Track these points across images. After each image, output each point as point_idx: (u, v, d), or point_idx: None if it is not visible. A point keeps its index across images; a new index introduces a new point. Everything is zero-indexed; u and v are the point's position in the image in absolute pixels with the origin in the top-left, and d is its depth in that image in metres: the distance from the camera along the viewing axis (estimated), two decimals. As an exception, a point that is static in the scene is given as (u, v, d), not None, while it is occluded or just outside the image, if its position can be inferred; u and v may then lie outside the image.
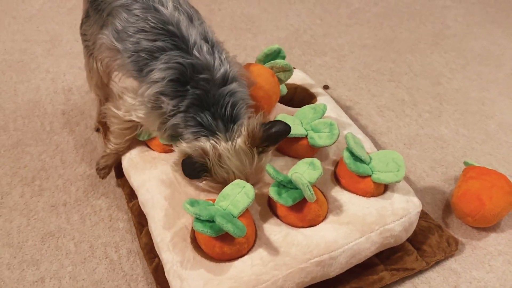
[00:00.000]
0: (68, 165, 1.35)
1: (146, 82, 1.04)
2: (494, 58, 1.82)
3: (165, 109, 1.03)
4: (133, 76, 1.09)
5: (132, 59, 1.07)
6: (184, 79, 1.02)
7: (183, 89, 1.02)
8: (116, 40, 1.09)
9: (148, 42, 1.04)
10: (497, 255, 1.15)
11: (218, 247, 0.91)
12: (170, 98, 1.02)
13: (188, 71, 1.02)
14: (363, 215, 1.01)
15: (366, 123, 1.52)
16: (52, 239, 1.17)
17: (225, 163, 0.99)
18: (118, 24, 1.08)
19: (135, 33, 1.06)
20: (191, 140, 1.01)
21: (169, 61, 1.02)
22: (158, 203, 1.03)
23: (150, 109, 1.05)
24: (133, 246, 1.15)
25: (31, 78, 1.65)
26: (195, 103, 1.02)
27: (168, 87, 1.02)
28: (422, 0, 2.17)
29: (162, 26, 1.05)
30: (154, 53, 1.04)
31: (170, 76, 1.02)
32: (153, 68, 1.03)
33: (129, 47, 1.07)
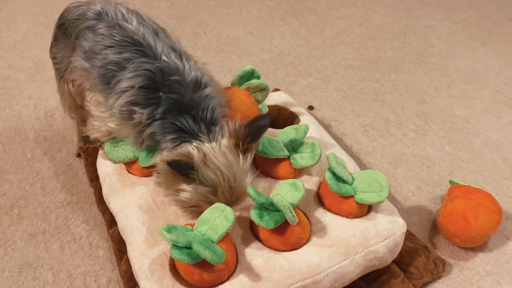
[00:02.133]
0: (48, 192, 1.32)
1: (114, 93, 1.03)
2: (478, 76, 1.83)
3: (139, 119, 1.00)
4: (102, 90, 1.08)
5: (100, 73, 1.06)
6: (155, 85, 1.00)
7: (155, 95, 1.00)
8: (84, 60, 1.09)
9: (114, 55, 1.04)
10: (485, 275, 1.13)
11: (197, 274, 0.88)
12: (142, 107, 1.00)
13: (157, 76, 1.00)
14: (347, 237, 0.99)
15: (351, 143, 1.51)
16: (29, 270, 1.13)
17: (211, 162, 0.95)
18: (85, 45, 1.09)
19: (101, 50, 1.06)
20: (171, 149, 0.98)
21: (137, 69, 1.01)
22: (137, 229, 1.01)
23: (121, 120, 1.03)
24: (113, 275, 1.12)
25: (13, 104, 1.63)
26: (172, 108, 0.99)
27: (138, 95, 1.00)
28: (406, 19, 2.20)
29: (128, 39, 1.05)
30: (121, 64, 1.03)
31: (139, 83, 1.00)
32: (120, 78, 1.02)
33: (97, 64, 1.06)
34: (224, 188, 0.97)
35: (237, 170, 0.98)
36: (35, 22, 2.09)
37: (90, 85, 1.13)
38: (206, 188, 0.96)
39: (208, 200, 0.97)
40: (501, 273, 1.13)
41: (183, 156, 0.95)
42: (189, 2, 2.30)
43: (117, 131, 1.07)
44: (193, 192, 0.97)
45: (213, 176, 0.95)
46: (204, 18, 2.18)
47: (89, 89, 1.16)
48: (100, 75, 1.06)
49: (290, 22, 2.16)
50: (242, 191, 1.00)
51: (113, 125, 1.06)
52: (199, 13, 2.21)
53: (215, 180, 0.96)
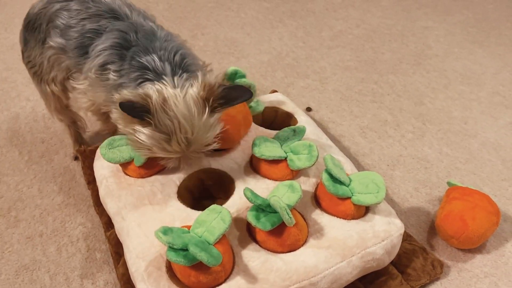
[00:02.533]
0: (45, 195, 1.32)
1: (90, 58, 1.03)
2: (476, 78, 1.83)
3: (112, 78, 0.99)
4: (80, 62, 1.07)
5: (77, 43, 1.06)
6: (128, 43, 1.00)
7: (127, 52, 0.99)
8: (60, 37, 1.09)
9: (91, 24, 1.05)
10: (483, 277, 1.13)
11: (193, 276, 0.88)
12: (116, 64, 0.99)
13: (130, 35, 1.01)
14: (344, 238, 0.99)
15: (348, 144, 1.51)
16: (26, 272, 1.13)
17: (170, 110, 0.91)
18: (60, 23, 1.09)
19: (78, 23, 1.06)
20: (133, 88, 0.95)
21: (112, 31, 1.02)
22: (133, 231, 1.00)
23: (94, 79, 1.02)
24: (110, 277, 1.12)
25: (11, 106, 1.63)
26: (139, 51, 0.98)
27: (111, 54, 1.00)
28: (404, 21, 2.20)
29: (105, 10, 1.06)
30: (99, 30, 1.03)
31: (111, 42, 1.00)
32: (97, 43, 1.02)
33: (74, 35, 1.06)
34: (179, 138, 0.93)
35: (197, 123, 0.94)
36: (33, 24, 2.08)
37: (68, 66, 1.12)
38: (160, 134, 0.93)
39: (162, 147, 0.94)
40: (499, 275, 1.13)
41: (140, 98, 0.91)
42: (187, 4, 2.30)
43: (90, 94, 1.06)
44: (148, 135, 0.93)
45: (169, 123, 0.91)
46: (202, 20, 2.18)
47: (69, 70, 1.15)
48: (78, 45, 1.06)
49: (288, 23, 2.16)
50: (200, 143, 0.97)
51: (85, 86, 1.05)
52: (196, 15, 2.21)
53: (170, 127, 0.92)
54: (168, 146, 0.94)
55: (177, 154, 0.98)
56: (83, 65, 1.07)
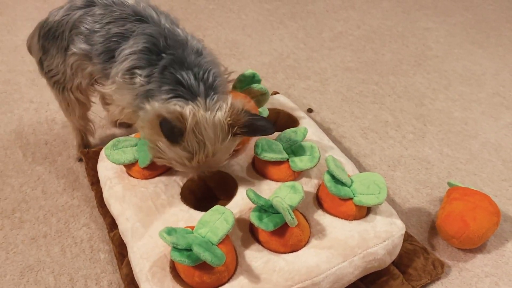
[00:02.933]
0: (49, 196, 1.33)
1: (118, 62, 1.02)
2: (476, 78, 1.84)
3: (139, 82, 0.99)
4: (106, 68, 1.06)
5: (104, 48, 1.05)
6: (157, 48, 0.99)
7: (157, 57, 0.99)
8: (84, 43, 1.08)
9: (117, 28, 1.03)
10: (484, 277, 1.14)
11: (197, 276, 0.89)
12: (143, 69, 0.99)
13: (160, 40, 1.00)
14: (345, 238, 1.00)
15: (349, 145, 1.52)
16: (31, 273, 1.14)
17: (200, 133, 0.93)
18: (84, 29, 1.08)
19: (103, 27, 1.05)
20: (165, 101, 0.96)
21: (139, 34, 1.00)
22: (137, 231, 1.01)
23: (120, 84, 1.01)
24: (114, 278, 1.13)
25: (14, 108, 1.64)
26: (173, 63, 0.97)
27: (140, 58, 0.99)
28: (404, 22, 2.21)
29: (130, 13, 1.04)
30: (125, 34, 1.02)
31: (141, 47, 0.99)
32: (124, 47, 1.01)
33: (99, 40, 1.05)
34: (200, 158, 0.96)
35: (219, 148, 0.97)
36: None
37: (92, 68, 1.11)
38: (184, 153, 0.95)
39: (182, 163, 0.97)
40: (499, 275, 1.14)
41: (177, 118, 0.92)
42: (188, 6, 2.31)
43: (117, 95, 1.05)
44: (172, 151, 0.96)
45: (196, 146, 0.94)
46: (203, 21, 2.19)
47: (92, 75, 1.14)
48: (104, 49, 1.04)
49: (289, 25, 2.18)
50: (216, 163, 1.01)
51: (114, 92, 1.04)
52: (198, 17, 2.22)
53: (195, 149, 0.95)
54: (189, 164, 0.98)
55: (192, 170, 1.01)
56: (109, 70, 1.06)
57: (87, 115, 1.35)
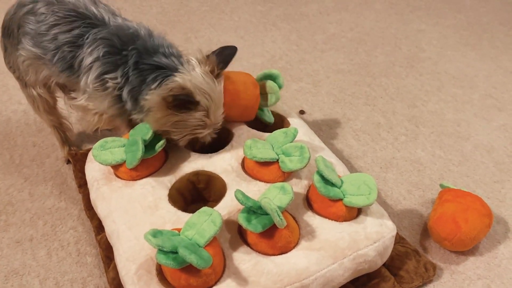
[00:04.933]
0: (36, 199, 1.31)
1: (82, 73, 1.04)
2: (468, 80, 1.84)
3: (113, 85, 1.03)
4: (67, 76, 1.09)
5: (58, 57, 1.06)
6: (116, 49, 1.03)
7: (120, 57, 1.03)
8: (33, 46, 1.09)
9: (65, 35, 1.05)
10: (476, 279, 1.12)
11: (184, 279, 0.87)
12: (113, 72, 1.03)
13: (115, 40, 1.03)
14: (336, 240, 0.98)
15: (341, 147, 1.50)
16: (16, 277, 1.12)
17: (200, 89, 1.03)
18: (29, 30, 1.08)
19: (49, 30, 1.06)
20: (157, 88, 1.02)
21: (94, 41, 1.03)
22: (123, 234, 0.99)
23: (93, 93, 1.05)
24: (101, 282, 1.11)
25: (2, 110, 1.62)
26: (141, 54, 1.03)
27: (105, 64, 1.03)
28: (397, 24, 2.20)
29: (72, 13, 1.06)
30: (77, 42, 1.04)
31: (101, 52, 1.02)
32: (82, 56, 1.04)
33: (49, 46, 1.07)
34: (212, 110, 1.07)
35: (218, 93, 1.07)
36: (26, 28, 2.07)
37: (49, 72, 1.12)
38: (200, 112, 1.05)
39: (203, 123, 1.07)
40: (491, 277, 1.13)
41: (180, 88, 1.01)
42: (180, 7, 2.30)
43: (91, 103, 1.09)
44: (190, 119, 1.05)
45: (205, 100, 1.04)
46: (195, 23, 2.18)
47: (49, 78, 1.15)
48: (59, 59, 1.07)
49: (281, 27, 2.17)
50: (220, 114, 1.11)
51: (88, 102, 1.09)
52: (190, 19, 2.21)
53: (206, 103, 1.04)
54: (208, 119, 1.07)
55: (209, 128, 1.10)
56: (76, 80, 1.08)
57: (55, 111, 1.34)
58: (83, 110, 1.13)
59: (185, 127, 1.07)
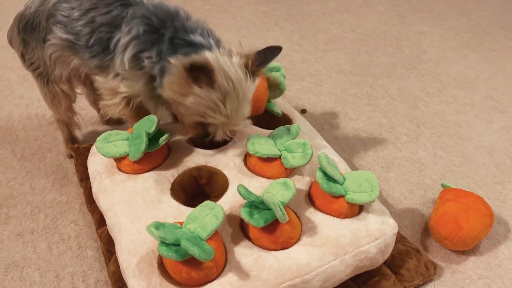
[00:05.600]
0: (37, 192, 1.30)
1: (117, 53, 1.02)
2: (470, 82, 1.84)
3: (149, 64, 1.01)
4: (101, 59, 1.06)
5: (94, 39, 1.04)
6: (154, 28, 1.01)
7: (157, 35, 1.01)
8: (65, 33, 1.07)
9: (102, 16, 1.03)
10: (477, 279, 1.12)
11: (185, 272, 0.87)
12: (149, 51, 1.00)
13: (153, 19, 1.02)
14: (337, 236, 0.98)
15: (343, 146, 1.51)
16: (16, 270, 1.11)
17: (225, 73, 0.98)
18: (62, 17, 1.07)
19: (84, 14, 1.04)
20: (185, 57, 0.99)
21: (131, 20, 1.01)
22: (125, 227, 0.99)
23: (128, 73, 1.03)
24: (101, 276, 1.10)
25: (4, 104, 1.62)
26: (178, 32, 1.00)
27: (142, 42, 1.00)
28: (398, 26, 2.21)
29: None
30: (114, 23, 1.02)
31: (139, 31, 1.00)
32: (119, 36, 1.02)
33: (83, 31, 1.05)
34: (232, 99, 1.00)
35: (245, 87, 1.02)
36: (29, 23, 2.08)
37: (79, 61, 1.10)
38: (217, 93, 0.99)
39: (216, 107, 1.00)
40: (492, 277, 1.13)
41: (204, 61, 0.96)
42: (184, 5, 2.28)
43: (126, 82, 1.06)
44: (205, 95, 0.99)
45: (225, 84, 0.98)
46: (198, 22, 2.18)
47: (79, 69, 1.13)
48: (95, 41, 1.04)
49: (284, 27, 2.17)
50: (241, 113, 1.04)
51: (123, 88, 1.06)
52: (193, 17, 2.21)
53: (226, 88, 0.99)
54: (222, 106, 1.01)
55: (225, 119, 1.03)
56: (109, 62, 1.06)
57: (72, 107, 1.33)
58: (112, 92, 1.10)
59: (196, 105, 1.01)
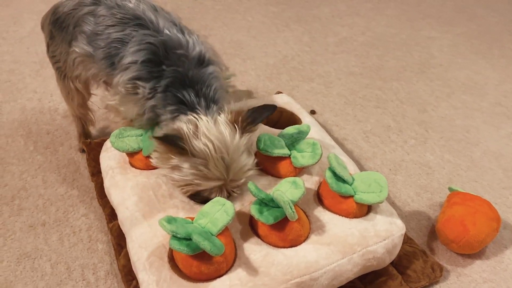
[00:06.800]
0: (49, 185, 1.32)
1: (119, 70, 1.03)
2: (478, 88, 1.85)
3: (142, 94, 1.01)
4: (108, 73, 1.08)
5: (105, 53, 1.06)
6: (158, 59, 1.01)
7: (158, 69, 1.01)
8: (87, 44, 1.09)
9: (117, 33, 1.05)
10: (482, 282, 1.13)
11: (195, 266, 0.89)
12: (145, 81, 1.00)
13: (160, 50, 1.01)
14: (345, 236, 0.99)
15: (351, 148, 1.52)
16: (28, 260, 1.13)
17: (202, 134, 0.95)
18: (86, 29, 1.09)
19: (104, 30, 1.07)
20: (169, 120, 0.99)
21: (140, 43, 1.02)
22: (137, 221, 1.01)
23: (124, 95, 1.03)
24: (112, 268, 1.12)
25: (18, 98, 1.64)
26: (175, 81, 0.99)
27: (142, 70, 1.01)
28: (408, 30, 2.22)
29: (129, 16, 1.06)
30: (124, 40, 1.04)
31: (142, 58, 1.00)
32: (124, 54, 1.03)
33: (100, 44, 1.07)
34: (216, 160, 0.95)
35: (230, 144, 0.96)
36: (42, 19, 2.10)
37: (94, 74, 1.13)
38: (197, 160, 0.95)
39: (201, 173, 0.96)
40: (497, 281, 1.14)
41: (173, 129, 0.96)
42: (195, 6, 2.32)
43: (122, 107, 1.07)
44: (186, 165, 0.96)
45: (203, 147, 0.94)
46: (209, 21, 2.20)
47: (93, 79, 1.16)
48: (105, 55, 1.06)
49: (294, 28, 2.19)
50: (238, 167, 0.99)
51: (117, 101, 1.07)
52: (204, 17, 2.23)
53: (205, 151, 0.94)
54: (207, 170, 0.96)
55: (218, 181, 0.98)
56: (112, 77, 1.07)
57: (87, 104, 1.36)
58: (115, 111, 1.12)
59: (184, 176, 0.97)
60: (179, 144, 0.94)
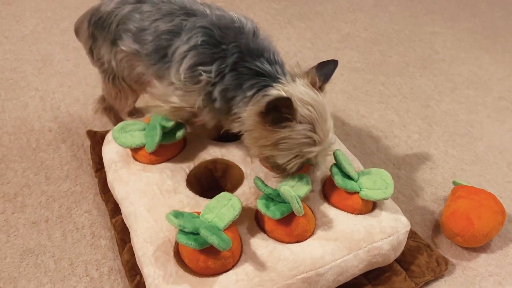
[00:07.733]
0: (52, 182, 1.32)
1: (174, 62, 0.99)
2: (482, 83, 1.84)
3: (206, 79, 0.96)
4: (159, 67, 1.03)
5: (154, 47, 1.02)
6: (215, 40, 0.97)
7: (218, 49, 0.96)
8: (133, 42, 1.06)
9: (165, 25, 1.01)
10: (488, 276, 1.13)
11: (202, 261, 0.88)
12: (208, 64, 0.96)
13: (215, 30, 0.97)
14: (351, 232, 0.99)
15: (355, 143, 1.51)
16: (31, 256, 1.13)
17: (301, 100, 0.93)
18: (132, 27, 1.06)
19: (151, 24, 1.03)
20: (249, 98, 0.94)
21: (192, 29, 0.97)
22: (141, 215, 1.00)
23: (183, 85, 0.98)
24: (115, 264, 1.12)
25: (20, 95, 1.64)
26: (243, 55, 0.95)
27: (200, 54, 0.96)
28: (411, 26, 2.21)
29: (177, 8, 1.03)
30: (174, 30, 1.00)
31: (199, 41, 0.96)
32: (177, 45, 0.98)
33: (148, 39, 1.03)
34: (320, 123, 0.95)
35: (323, 104, 0.96)
36: (44, 17, 2.09)
37: (142, 69, 1.09)
38: (304, 125, 0.93)
39: (309, 139, 0.94)
40: (503, 274, 1.13)
41: (275, 99, 0.90)
42: (197, 2, 2.31)
43: (183, 102, 1.02)
44: (294, 132, 0.93)
45: (308, 112, 0.93)
46: (211, 18, 2.19)
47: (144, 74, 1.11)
48: (154, 49, 1.02)
49: (296, 25, 2.18)
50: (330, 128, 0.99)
51: (175, 99, 1.01)
52: (206, 13, 2.22)
53: (310, 116, 0.93)
54: (315, 134, 0.95)
55: (320, 145, 0.97)
56: (165, 71, 1.03)
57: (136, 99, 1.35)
58: (163, 100, 1.06)
59: (290, 147, 0.95)
60: (286, 113, 0.91)
